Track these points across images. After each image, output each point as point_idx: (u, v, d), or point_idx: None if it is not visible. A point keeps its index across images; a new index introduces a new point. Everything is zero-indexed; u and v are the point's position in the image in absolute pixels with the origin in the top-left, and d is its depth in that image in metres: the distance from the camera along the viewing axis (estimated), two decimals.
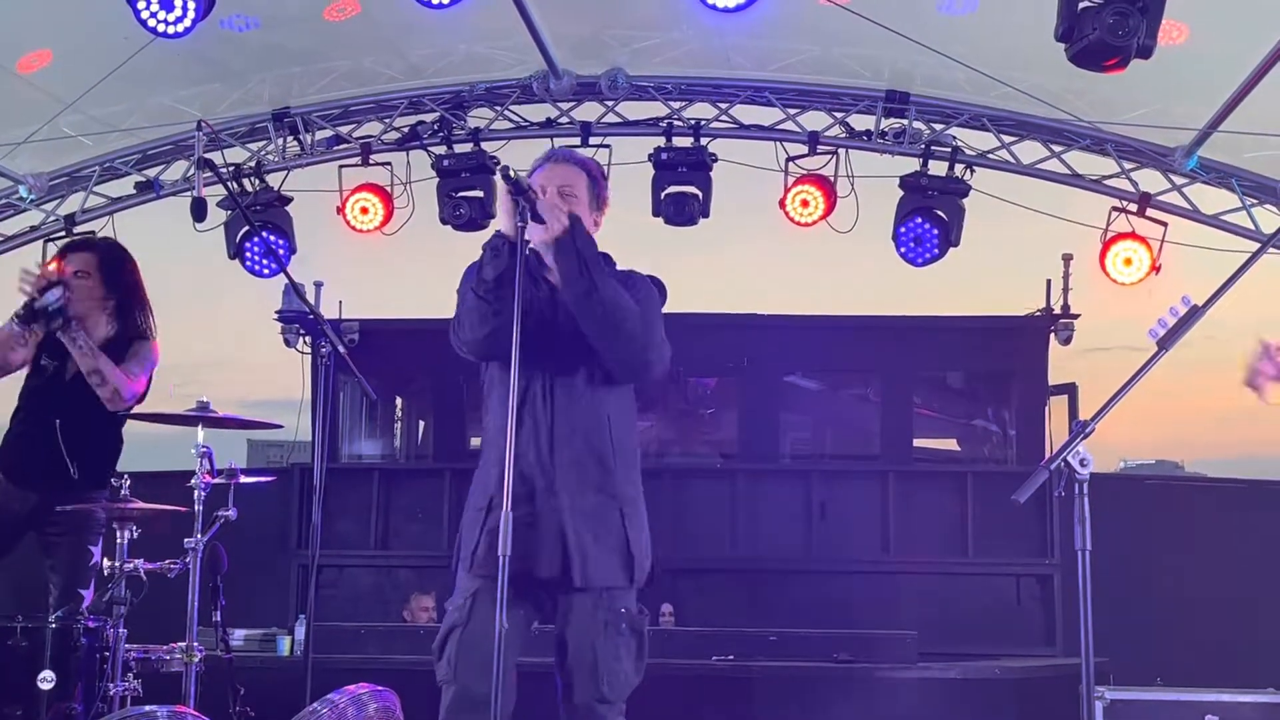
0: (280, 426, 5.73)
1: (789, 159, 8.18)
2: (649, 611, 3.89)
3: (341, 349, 5.10)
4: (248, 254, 8.45)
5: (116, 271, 5.42)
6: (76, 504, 5.07)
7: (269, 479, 5.58)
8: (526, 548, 3.52)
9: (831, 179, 8.08)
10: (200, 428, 5.00)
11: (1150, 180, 7.99)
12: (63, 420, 5.20)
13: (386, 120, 8.37)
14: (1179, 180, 7.96)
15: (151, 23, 5.62)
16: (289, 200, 8.49)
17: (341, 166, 8.45)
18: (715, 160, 8.11)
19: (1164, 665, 5.70)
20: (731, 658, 6.73)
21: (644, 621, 3.80)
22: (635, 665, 3.72)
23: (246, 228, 8.24)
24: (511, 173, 3.70)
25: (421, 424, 10.97)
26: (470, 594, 3.66)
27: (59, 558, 5.18)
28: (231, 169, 8.32)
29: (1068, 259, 8.90)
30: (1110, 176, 8.02)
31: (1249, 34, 6.28)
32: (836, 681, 6.78)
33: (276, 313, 9.14)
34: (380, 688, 4.89)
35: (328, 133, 8.45)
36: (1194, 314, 3.40)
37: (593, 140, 8.19)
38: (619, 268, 3.95)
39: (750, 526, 9.10)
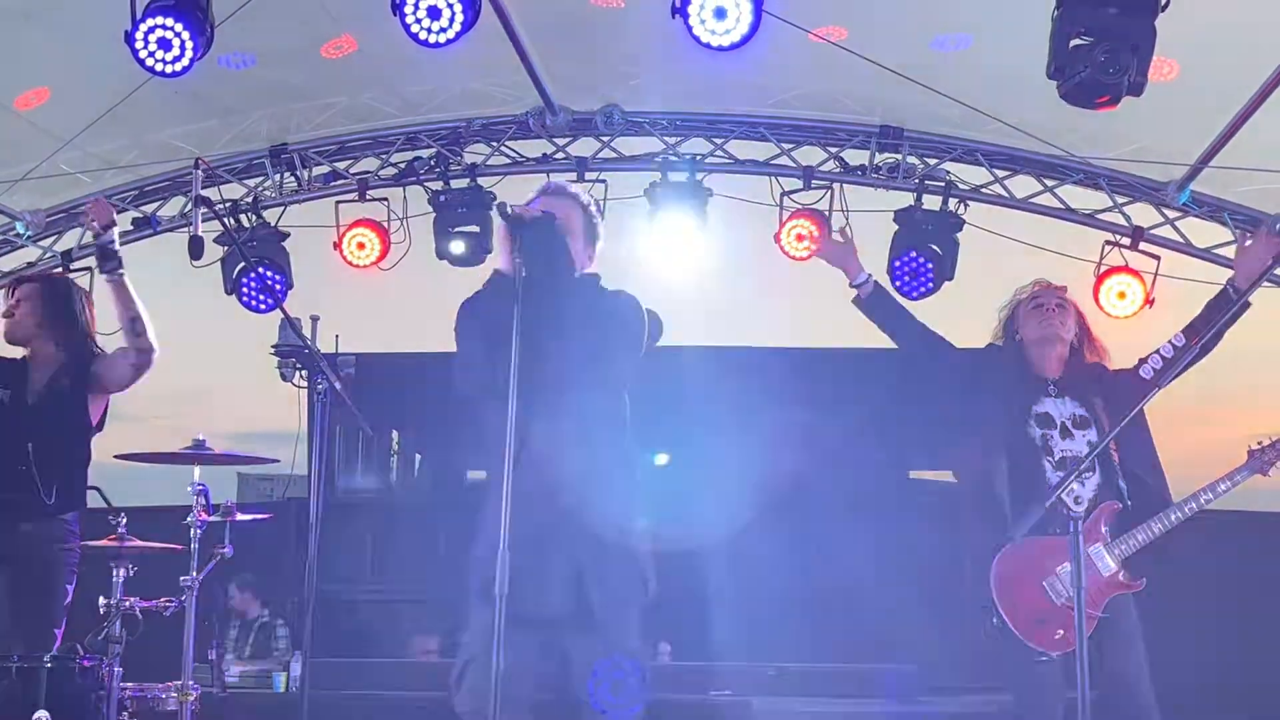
0: (276, 461, 5.74)
1: (784, 194, 8.20)
2: (649, 648, 3.91)
3: (338, 385, 5.11)
4: (244, 289, 8.46)
5: (56, 303, 5.43)
6: (51, 531, 5.06)
7: (265, 516, 5.58)
8: (537, 586, 3.56)
9: (826, 213, 8.11)
10: (197, 466, 5.01)
11: (1143, 214, 8.02)
12: (35, 444, 5.18)
13: (383, 156, 8.40)
14: (1171, 214, 7.99)
15: (150, 62, 5.64)
16: (286, 235, 8.51)
17: (338, 202, 8.47)
18: (711, 195, 8.14)
19: (1162, 698, 5.69)
20: (729, 692, 6.72)
21: (646, 657, 3.84)
22: (635, 702, 3.70)
23: (243, 263, 8.26)
24: (509, 208, 3.73)
25: (418, 457, 10.97)
26: (486, 628, 3.59)
27: (30, 594, 5.12)
28: (229, 205, 8.35)
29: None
30: (1103, 210, 8.05)
31: (1239, 70, 6.33)
32: (837, 716, 6.77)
33: (273, 347, 9.11)
34: None
35: (324, 169, 8.48)
36: (1188, 353, 3.52)
37: (589, 175, 8.23)
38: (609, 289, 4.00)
39: (749, 559, 9.08)
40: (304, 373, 8.91)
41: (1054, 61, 5.34)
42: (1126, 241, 8.02)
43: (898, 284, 8.06)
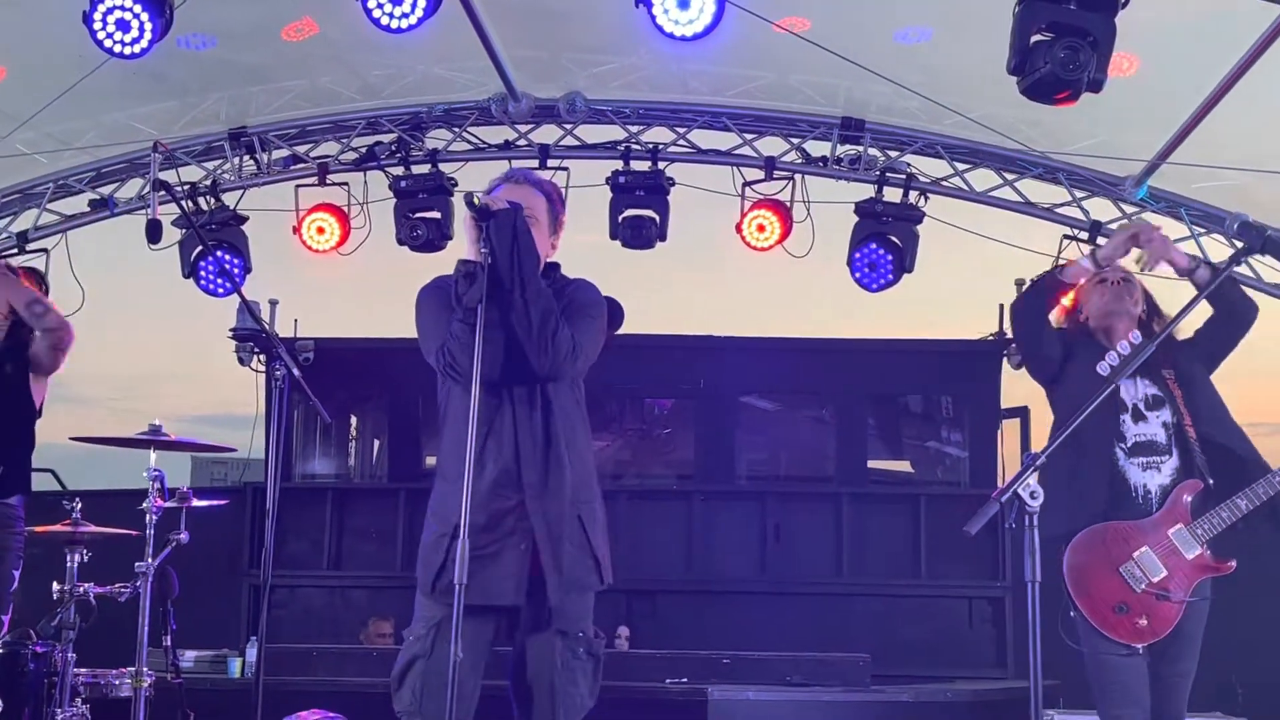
0: (234, 450, 5.72)
1: (745, 184, 8.24)
2: (604, 635, 3.92)
3: (296, 372, 5.08)
4: (202, 273, 8.41)
5: None
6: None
7: (222, 503, 5.55)
8: (492, 574, 3.57)
9: (788, 204, 8.14)
10: (153, 450, 4.98)
11: (1101, 209, 8.09)
12: None
13: (344, 140, 8.35)
14: (1129, 209, 8.07)
15: (108, 43, 5.59)
16: (245, 219, 8.46)
17: (298, 186, 8.42)
18: (672, 184, 8.16)
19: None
20: (685, 681, 6.75)
21: (601, 645, 3.84)
22: (590, 689, 3.76)
23: (201, 247, 8.21)
24: (475, 199, 3.72)
25: (376, 443, 10.91)
26: (433, 624, 3.67)
27: None
28: (187, 188, 8.28)
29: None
30: (1062, 205, 8.12)
31: (1198, 66, 6.39)
32: (790, 705, 6.81)
33: (231, 330, 9.08)
34: (332, 714, 4.88)
35: (284, 152, 8.41)
36: (1143, 349, 3.54)
37: (551, 163, 8.22)
38: (569, 277, 4.00)
39: (706, 548, 9.12)
40: (262, 357, 8.95)
41: (1014, 57, 5.37)
42: (1084, 236, 8.10)
43: (857, 275, 8.12)
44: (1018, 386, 9.26)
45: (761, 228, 8.12)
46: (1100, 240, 7.90)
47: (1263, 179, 6.98)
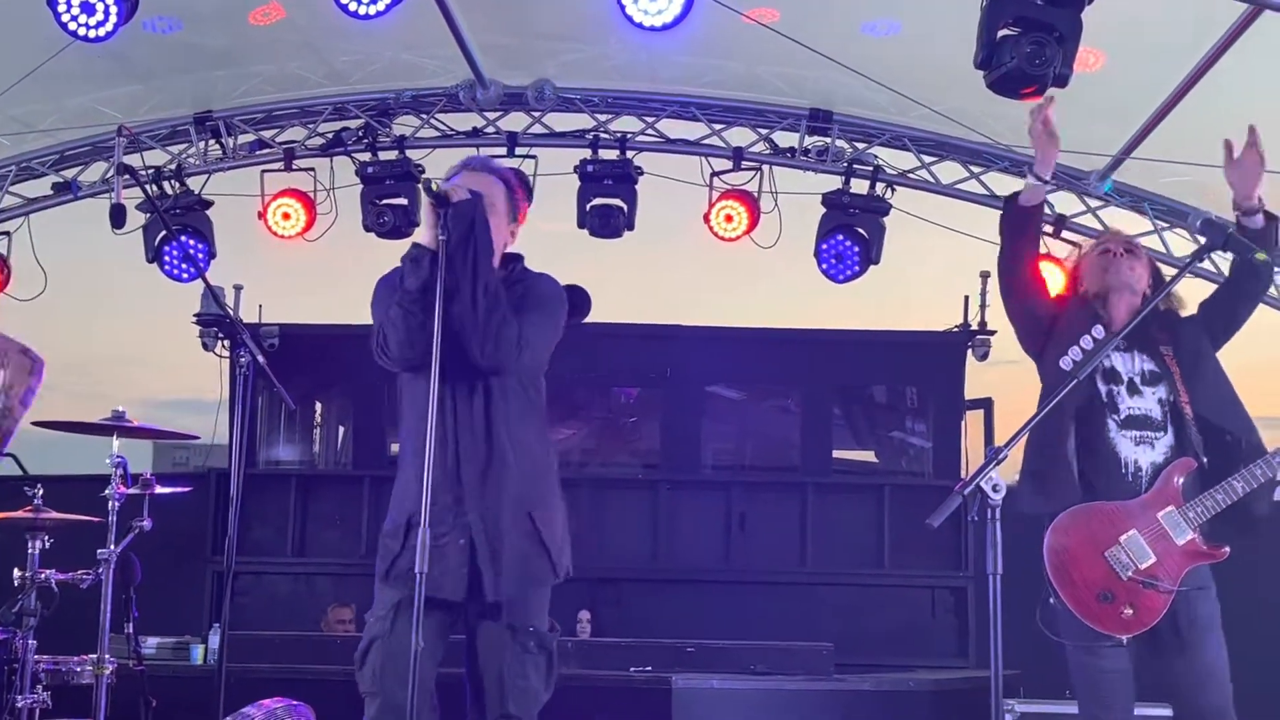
0: (196, 438, 5.68)
1: (714, 174, 8.26)
2: (560, 627, 3.92)
3: (261, 358, 5.06)
4: (166, 258, 8.36)
5: None
6: None
7: (185, 490, 5.52)
8: (440, 566, 3.56)
9: (755, 195, 8.16)
10: (115, 437, 4.94)
11: (1066, 203, 8.16)
12: None
13: (310, 126, 8.32)
14: (1093, 203, 8.13)
15: (72, 26, 5.54)
16: (210, 204, 8.41)
17: (264, 171, 8.39)
18: (641, 173, 8.17)
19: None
20: (649, 669, 6.76)
21: (553, 639, 3.82)
22: (545, 682, 3.76)
23: (165, 232, 8.16)
24: (434, 185, 3.70)
25: (341, 429, 10.87)
26: (392, 605, 3.68)
27: None
28: (151, 172, 8.23)
29: (985, 276, 9.03)
30: None
31: (1164, 62, 6.45)
32: (753, 694, 6.84)
33: (195, 315, 9.04)
34: (296, 702, 4.87)
35: (250, 137, 8.37)
36: (1105, 345, 3.55)
37: (519, 150, 8.21)
38: (531, 270, 3.98)
39: (670, 537, 9.15)
40: (226, 343, 8.90)
41: (981, 51, 5.40)
42: (1049, 229, 8.15)
43: (824, 266, 8.16)
44: (982, 378, 9.34)
45: (729, 218, 8.14)
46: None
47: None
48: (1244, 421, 4.11)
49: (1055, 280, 8.00)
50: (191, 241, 8.28)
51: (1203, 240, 3.75)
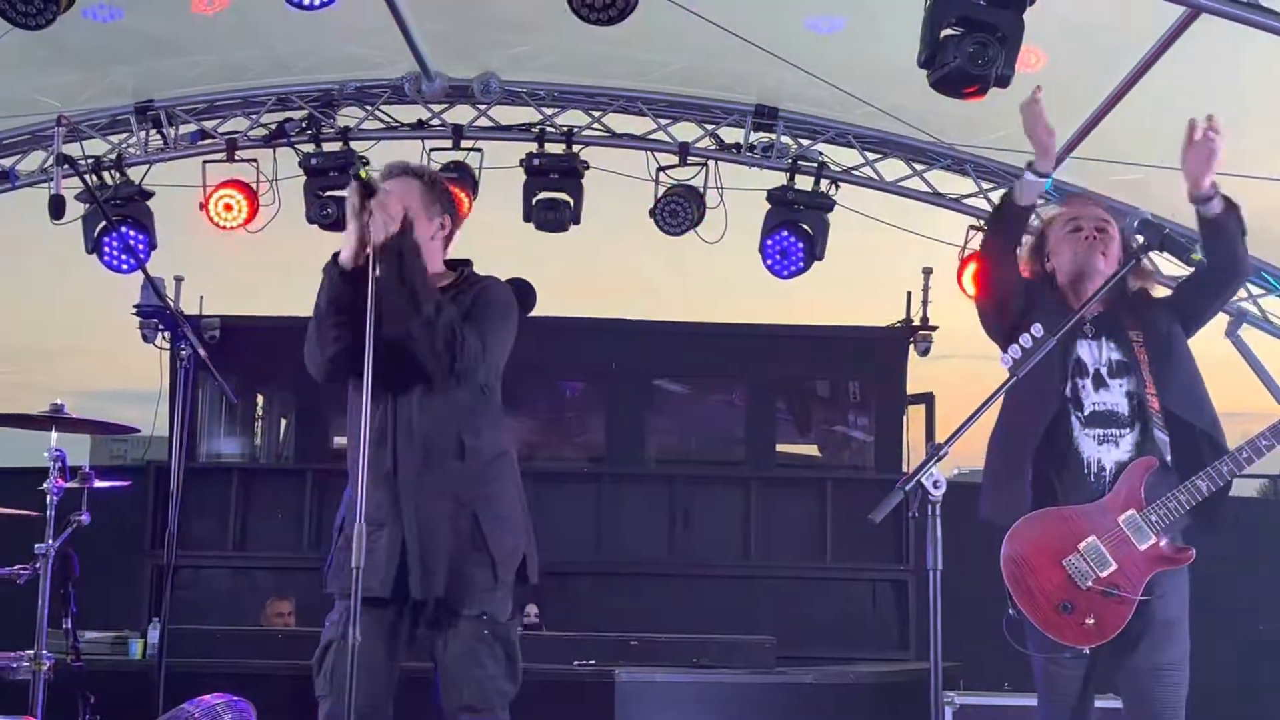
0: (137, 431, 5.61)
1: (660, 169, 8.27)
2: (518, 617, 3.91)
3: (202, 351, 5.01)
4: (106, 249, 8.26)
5: None
6: None
7: (124, 484, 5.46)
8: (370, 564, 3.51)
9: (701, 190, 8.18)
10: (54, 430, 4.88)
11: None
12: None
13: (253, 116, 8.25)
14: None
15: (12, 14, 5.46)
16: (150, 195, 8.32)
17: (205, 162, 8.31)
18: (587, 167, 8.16)
19: (1013, 670, 5.89)
20: (593, 662, 6.77)
21: (511, 629, 3.79)
22: (507, 672, 3.72)
23: (105, 222, 8.06)
24: (362, 172, 3.61)
25: (283, 422, 10.81)
26: (345, 608, 3.61)
27: None
28: (91, 161, 8.13)
29: (928, 272, 9.14)
30: (969, 196, 8.27)
31: (1103, 63, 6.53)
32: (696, 687, 6.88)
33: (135, 307, 8.95)
34: (236, 698, 4.83)
35: (192, 127, 8.30)
36: (1044, 343, 3.47)
37: (464, 143, 8.18)
38: (480, 273, 3.94)
39: (615, 530, 9.17)
40: (166, 334, 8.80)
41: (925, 50, 5.45)
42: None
43: (769, 262, 8.19)
44: (924, 373, 9.43)
45: (674, 213, 8.15)
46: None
47: (1163, 175, 7.14)
48: (1210, 417, 3.84)
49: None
50: (132, 232, 8.18)
51: (1140, 240, 3.69)
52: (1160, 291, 4.08)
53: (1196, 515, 3.74)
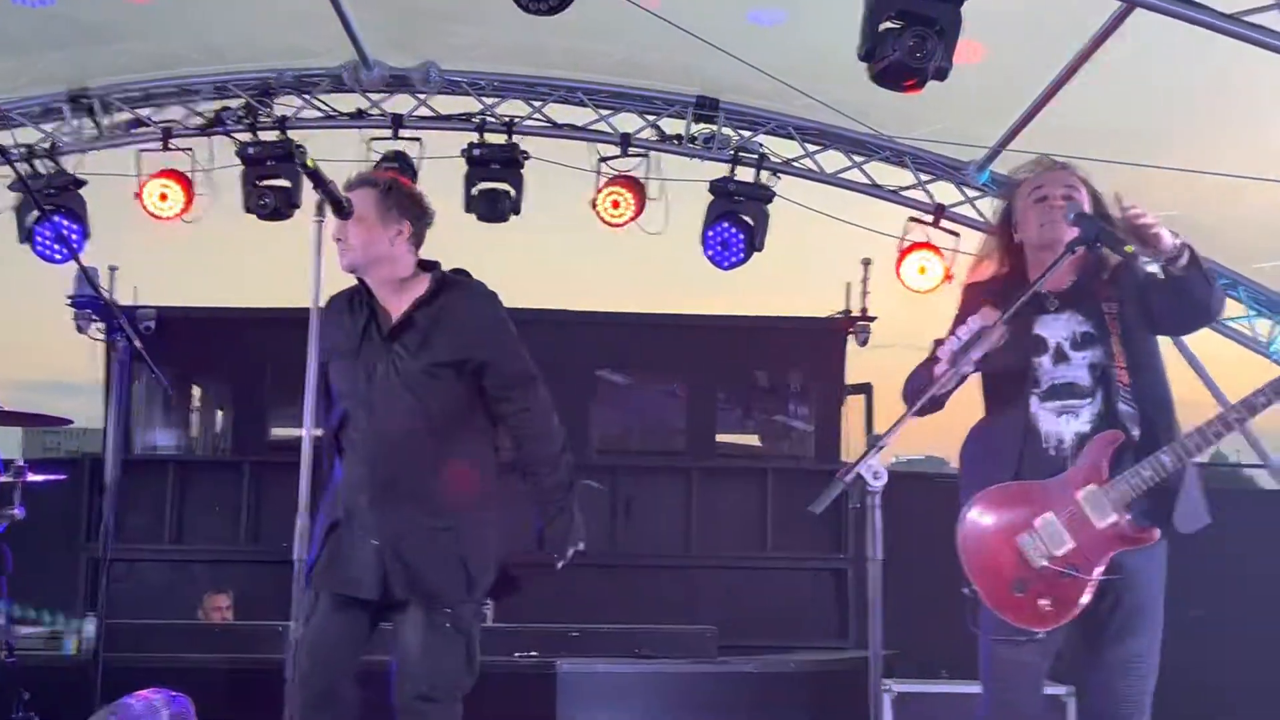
0: (70, 422, 5.54)
1: (601, 159, 8.26)
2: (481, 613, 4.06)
3: (138, 343, 4.95)
4: (38, 238, 8.14)
5: None
6: None
7: (60, 478, 5.39)
8: (350, 569, 3.80)
9: (642, 181, 8.19)
10: None
11: (945, 192, 8.32)
12: None
13: (189, 105, 8.16)
14: (972, 193, 8.31)
15: None
16: (84, 184, 8.20)
17: (140, 151, 8.19)
18: (528, 158, 8.14)
19: (950, 658, 5.95)
20: (535, 654, 6.77)
21: (471, 622, 3.91)
22: (465, 664, 3.86)
23: (37, 212, 7.94)
24: (309, 161, 3.77)
25: (220, 413, 10.70)
26: (313, 600, 3.82)
27: None
28: (23, 150, 7.99)
29: (866, 263, 9.19)
30: (908, 188, 8.33)
31: (1042, 56, 6.60)
32: (638, 678, 6.90)
33: (69, 297, 8.83)
34: (174, 693, 4.78)
35: (126, 116, 8.19)
36: (983, 334, 3.48)
37: (404, 133, 8.14)
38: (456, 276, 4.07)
39: None
40: (101, 326, 8.69)
41: (865, 44, 5.49)
42: (929, 218, 8.32)
43: (709, 253, 8.22)
44: (863, 363, 9.50)
45: (616, 204, 8.16)
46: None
47: (1101, 167, 7.23)
48: (1169, 401, 3.70)
49: (934, 267, 8.28)
50: (65, 222, 8.06)
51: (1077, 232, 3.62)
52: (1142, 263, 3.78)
53: (1156, 501, 3.56)
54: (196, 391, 10.64)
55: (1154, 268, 3.68)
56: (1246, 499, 10.85)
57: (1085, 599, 3.49)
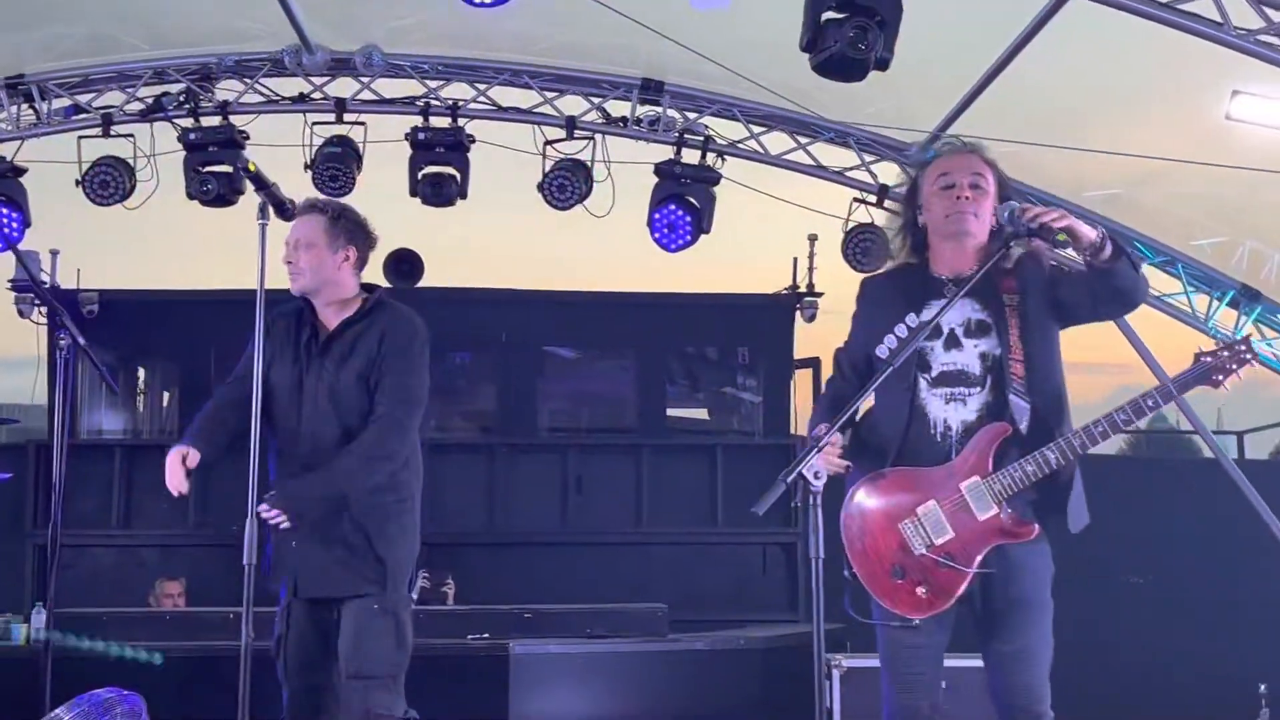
0: (17, 422, 5.51)
1: (547, 142, 8.23)
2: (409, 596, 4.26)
3: (81, 340, 4.93)
4: None
5: None
6: None
7: (6, 476, 5.37)
8: (299, 562, 4.16)
9: (589, 164, 8.18)
10: None
11: (888, 173, 8.38)
12: None
13: (129, 90, 8.03)
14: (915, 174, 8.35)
15: None
16: (23, 171, 8.07)
17: (81, 138, 8.07)
18: (473, 141, 8.11)
19: None
20: (487, 636, 6.82)
21: (399, 603, 4.16)
22: (395, 643, 4.10)
23: None
24: (250, 165, 3.97)
25: (166, 396, 10.63)
26: (286, 604, 4.20)
27: None
28: None
29: (813, 239, 9.27)
30: (852, 168, 8.39)
31: (983, 40, 6.66)
32: (590, 658, 6.98)
33: (10, 282, 8.74)
34: (126, 691, 4.78)
35: (65, 101, 8.06)
36: (921, 330, 3.51)
37: (348, 117, 8.08)
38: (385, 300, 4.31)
39: (507, 501, 9.21)
40: (43, 310, 8.61)
41: (806, 34, 5.52)
42: (873, 199, 8.38)
43: (657, 236, 8.24)
44: (810, 337, 9.59)
45: (562, 187, 8.14)
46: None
47: (1041, 150, 7.33)
48: (1062, 399, 3.66)
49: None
50: (4, 210, 7.95)
51: (1009, 230, 3.59)
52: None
53: (1046, 492, 3.57)
54: (141, 374, 10.56)
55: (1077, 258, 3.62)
56: (1188, 469, 11.11)
57: (963, 589, 3.50)
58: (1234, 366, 3.51)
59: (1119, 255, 3.48)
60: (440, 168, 8.11)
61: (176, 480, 4.16)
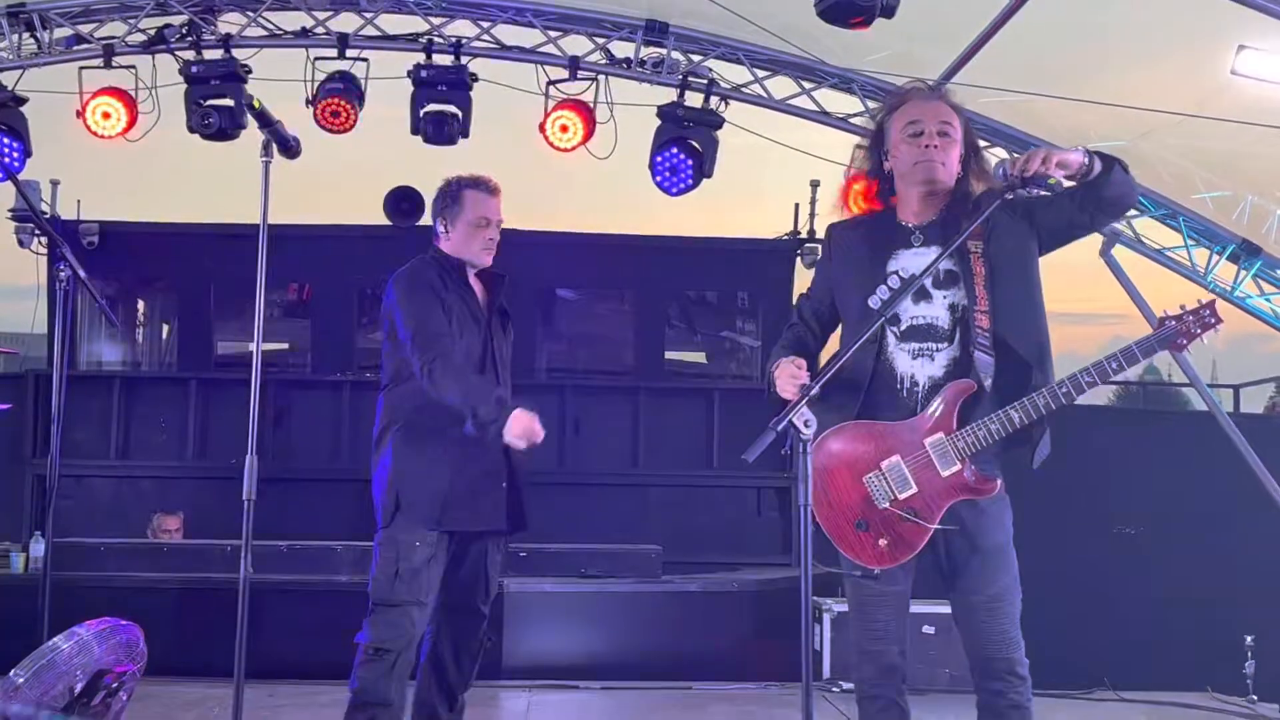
0: (17, 354, 5.53)
1: (549, 83, 8.18)
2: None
3: (82, 273, 4.93)
4: None
5: None
6: None
7: (5, 407, 5.39)
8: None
9: (591, 105, 8.14)
10: None
11: None
12: None
13: (131, 21, 7.97)
14: None
15: None
16: (24, 100, 8.03)
17: (82, 68, 8.02)
18: (476, 80, 8.06)
19: None
20: None
21: (395, 538, 4.40)
22: (388, 574, 4.37)
23: None
24: (255, 102, 3.92)
25: (165, 327, 10.66)
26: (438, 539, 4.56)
27: None
28: None
29: (815, 185, 9.26)
30: (855, 115, 8.33)
31: None
32: (584, 597, 7.06)
33: (10, 211, 8.74)
34: (124, 622, 4.84)
35: (67, 31, 8.00)
36: (911, 284, 3.51)
37: (350, 53, 8.03)
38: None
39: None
40: (43, 240, 8.62)
41: None
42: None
43: (658, 179, 8.21)
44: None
45: (565, 128, 8.09)
46: None
47: (1046, 101, 7.30)
48: (1039, 346, 3.59)
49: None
50: (5, 140, 7.92)
51: (1004, 183, 3.55)
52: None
53: (1014, 446, 3.55)
54: (141, 306, 10.59)
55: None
56: (1178, 420, 11.14)
57: (924, 543, 3.51)
58: (1199, 330, 3.46)
59: (1110, 166, 3.47)
60: (442, 106, 8.06)
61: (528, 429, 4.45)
